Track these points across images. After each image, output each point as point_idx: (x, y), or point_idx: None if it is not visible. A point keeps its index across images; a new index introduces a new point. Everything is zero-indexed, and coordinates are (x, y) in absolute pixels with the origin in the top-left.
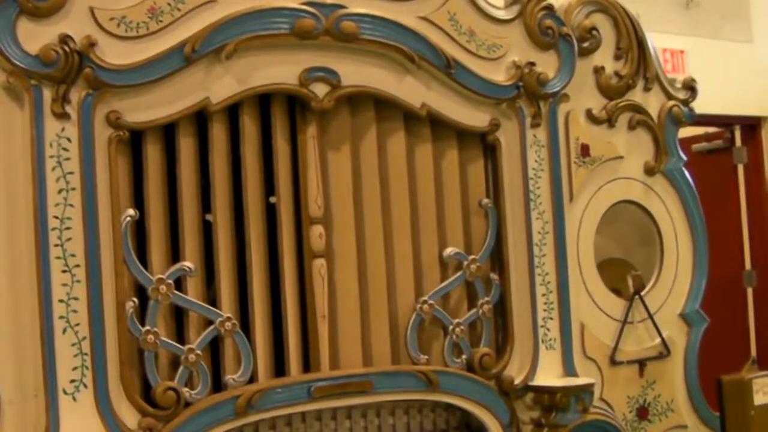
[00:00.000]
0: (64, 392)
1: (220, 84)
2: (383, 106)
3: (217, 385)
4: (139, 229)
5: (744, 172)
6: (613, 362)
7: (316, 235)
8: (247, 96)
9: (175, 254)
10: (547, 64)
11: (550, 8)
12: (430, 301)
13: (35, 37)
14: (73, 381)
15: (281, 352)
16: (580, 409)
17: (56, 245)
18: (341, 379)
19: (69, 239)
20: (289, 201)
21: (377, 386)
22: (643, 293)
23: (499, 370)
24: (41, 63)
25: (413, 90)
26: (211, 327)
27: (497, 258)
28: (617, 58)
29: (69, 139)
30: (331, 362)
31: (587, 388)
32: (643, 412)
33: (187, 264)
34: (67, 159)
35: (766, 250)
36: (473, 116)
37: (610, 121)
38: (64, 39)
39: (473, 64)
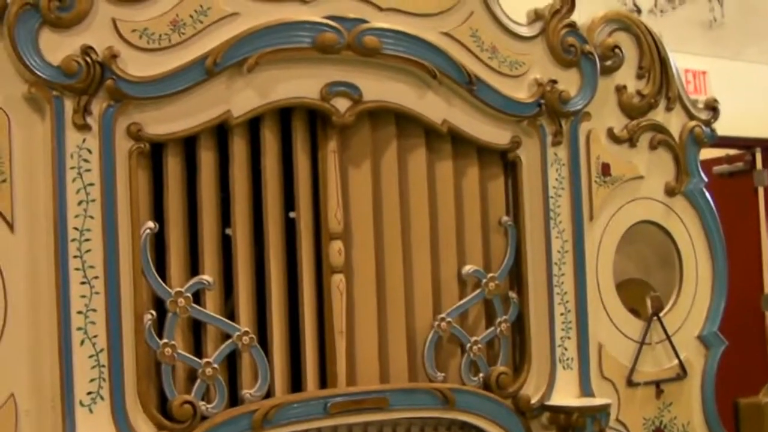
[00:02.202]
0: (81, 404)
1: (241, 97)
2: (404, 121)
3: (234, 399)
4: (158, 241)
5: (764, 194)
6: (630, 383)
7: (335, 250)
8: (268, 110)
9: (193, 267)
10: (569, 82)
11: (572, 26)
12: (448, 319)
13: (57, 47)
14: (90, 393)
15: (298, 367)
16: (596, 430)
17: (75, 256)
18: (357, 395)
19: (88, 251)
20: (309, 216)
21: (393, 403)
22: (661, 314)
23: (515, 389)
24: (63, 74)
25: (434, 106)
26: (229, 341)
27: (516, 276)
28: (639, 77)
29: (90, 151)
30: (348, 378)
31: (604, 409)
32: None
33: (206, 277)
34: (88, 170)
35: None
36: (494, 133)
37: (631, 141)
38: (87, 50)
39: (495, 81)
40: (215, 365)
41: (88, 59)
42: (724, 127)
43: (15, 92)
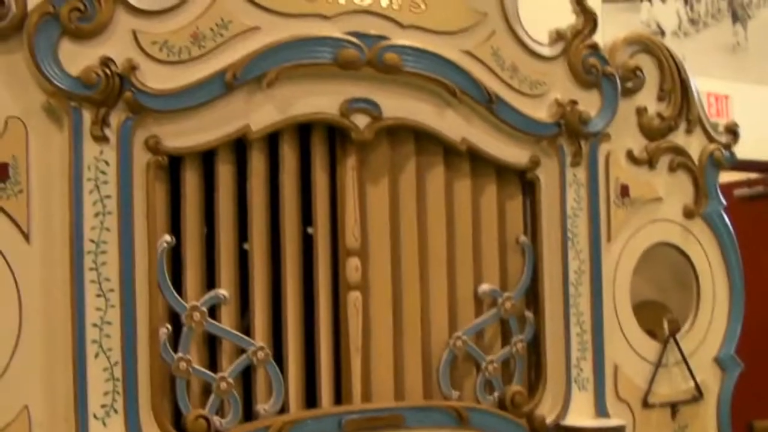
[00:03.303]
0: (95, 417)
1: (260, 112)
2: (423, 139)
3: (248, 413)
4: (174, 254)
5: None
6: (646, 405)
7: (352, 267)
8: (287, 125)
9: (209, 281)
10: (589, 103)
11: (594, 47)
12: (464, 337)
13: (77, 58)
14: (103, 406)
15: (313, 382)
16: None
17: (91, 269)
18: (372, 412)
19: (104, 263)
20: (326, 232)
21: (408, 421)
22: (678, 336)
23: (530, 408)
24: (82, 85)
25: (454, 124)
26: (244, 356)
27: (532, 296)
28: (660, 99)
29: (107, 163)
30: (363, 395)
31: (619, 430)
32: None
33: (222, 292)
34: (105, 182)
35: None
36: (513, 153)
37: (650, 163)
38: (106, 61)
39: (515, 100)
40: (230, 380)
41: (107, 71)
42: (745, 150)
43: (33, 103)
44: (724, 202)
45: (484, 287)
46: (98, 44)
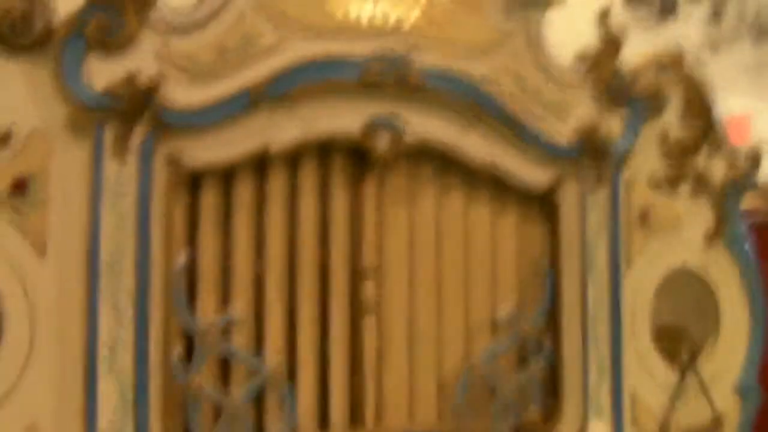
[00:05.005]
0: None
1: (282, 130)
2: (444, 160)
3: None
4: (190, 271)
5: None
6: None
7: (368, 290)
8: (308, 143)
9: (224, 300)
10: (612, 125)
11: (618, 69)
12: (480, 362)
13: (102, 73)
14: (114, 425)
15: (326, 404)
16: None
17: (106, 286)
18: None
19: (120, 280)
20: (344, 253)
21: None
22: (697, 362)
23: None
24: (107, 100)
25: (476, 145)
26: (257, 377)
27: (551, 320)
28: (683, 122)
29: (127, 178)
30: (376, 418)
31: None
32: None
33: (237, 312)
34: (124, 199)
35: None
36: (535, 175)
37: (672, 186)
38: (131, 77)
39: (538, 122)
40: (242, 400)
41: (131, 86)
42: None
43: (56, 117)
44: (745, 228)
45: (502, 311)
46: (123, 60)
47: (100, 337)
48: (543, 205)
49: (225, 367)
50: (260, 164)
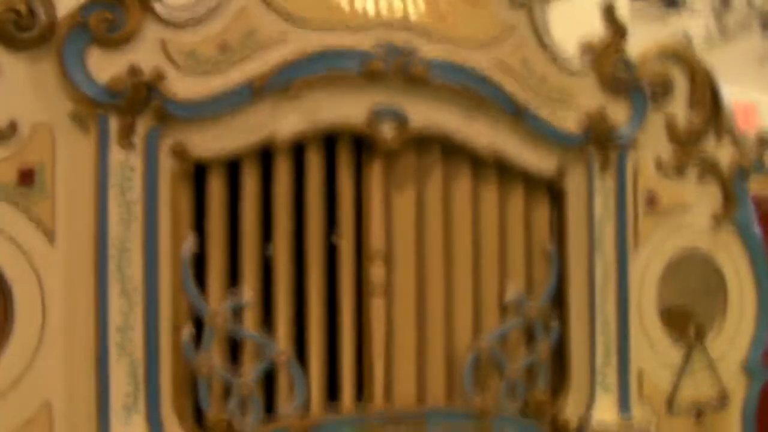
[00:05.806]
0: (117, 415)
1: (286, 120)
2: (449, 147)
3: (270, 413)
4: (198, 257)
5: None
6: (671, 410)
7: (376, 273)
8: (313, 133)
9: (233, 282)
10: (618, 112)
11: (624, 56)
12: (488, 343)
13: (105, 66)
14: (125, 406)
15: (335, 384)
16: None
17: (115, 270)
18: (395, 415)
19: (128, 267)
20: (351, 238)
21: (431, 425)
22: (704, 341)
23: (554, 413)
24: (110, 93)
25: (481, 133)
26: (267, 358)
27: (558, 302)
28: (689, 108)
29: (133, 169)
30: (385, 398)
31: None
32: None
33: (246, 296)
34: (130, 188)
35: None
36: (541, 162)
37: (679, 171)
38: (134, 70)
39: (544, 110)
40: (252, 380)
41: (135, 79)
42: None
43: (60, 110)
44: (753, 210)
45: (510, 293)
46: (126, 53)
47: (111, 319)
48: (550, 190)
49: (235, 348)
50: (266, 154)
